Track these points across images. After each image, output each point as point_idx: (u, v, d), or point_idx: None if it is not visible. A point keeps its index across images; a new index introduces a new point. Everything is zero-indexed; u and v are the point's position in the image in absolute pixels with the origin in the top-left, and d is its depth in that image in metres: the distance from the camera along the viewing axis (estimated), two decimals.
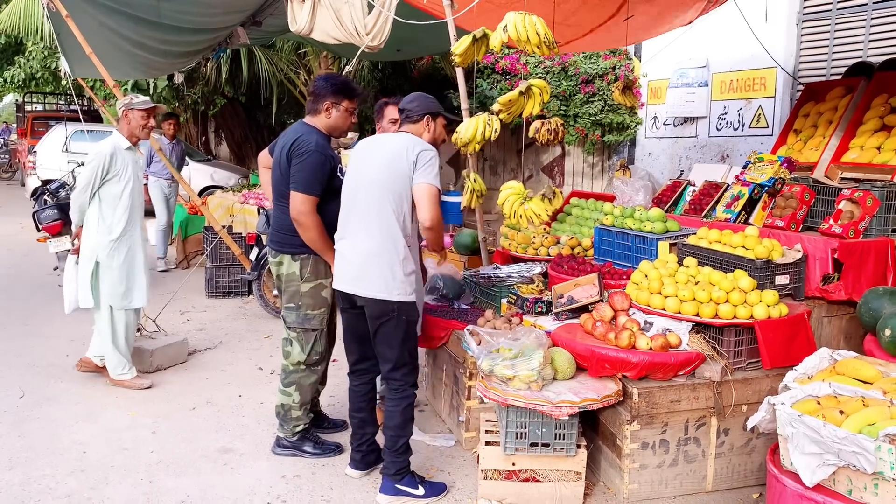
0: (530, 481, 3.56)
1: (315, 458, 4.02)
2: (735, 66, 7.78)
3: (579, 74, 8.89)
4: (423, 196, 3.44)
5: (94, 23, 6.61)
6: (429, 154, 3.47)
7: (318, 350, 4.03)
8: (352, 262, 3.56)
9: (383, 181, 3.48)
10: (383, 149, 3.58)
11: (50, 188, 8.05)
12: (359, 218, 3.55)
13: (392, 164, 3.48)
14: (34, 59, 16.88)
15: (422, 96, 3.74)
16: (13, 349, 5.89)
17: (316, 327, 3.99)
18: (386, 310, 3.50)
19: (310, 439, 4.09)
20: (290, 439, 4.06)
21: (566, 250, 5.25)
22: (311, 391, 4.09)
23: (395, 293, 3.48)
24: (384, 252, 3.48)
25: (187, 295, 7.67)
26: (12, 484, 3.71)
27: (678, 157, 8.62)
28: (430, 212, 3.44)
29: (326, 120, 3.95)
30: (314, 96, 3.95)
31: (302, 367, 4.02)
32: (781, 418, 2.76)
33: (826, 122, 5.46)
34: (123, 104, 5.05)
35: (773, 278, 4.10)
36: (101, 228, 4.95)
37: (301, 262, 3.93)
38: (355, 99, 4.02)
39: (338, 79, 4.05)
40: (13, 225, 12.59)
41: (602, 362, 3.65)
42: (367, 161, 3.59)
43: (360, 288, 3.53)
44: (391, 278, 3.47)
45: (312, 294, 3.96)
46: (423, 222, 3.50)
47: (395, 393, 3.60)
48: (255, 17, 7.33)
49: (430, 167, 3.45)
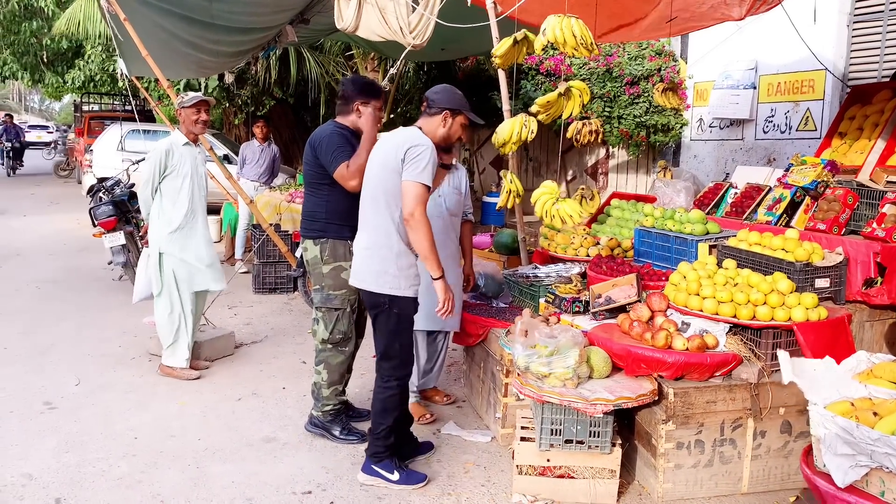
0: (565, 478, 3.61)
1: (340, 442, 4.22)
2: (783, 68, 7.69)
3: (624, 76, 8.87)
4: (404, 192, 3.50)
5: (149, 24, 6.86)
6: (417, 150, 3.49)
7: (340, 329, 4.23)
8: (355, 255, 3.76)
9: (379, 178, 3.61)
10: (384, 146, 3.69)
11: (105, 185, 8.33)
12: (363, 212, 3.74)
13: (385, 161, 3.59)
14: (93, 62, 17.45)
15: (449, 90, 3.76)
16: (70, 339, 6.13)
17: (338, 307, 4.20)
18: (377, 302, 3.66)
19: (339, 423, 4.30)
20: (321, 419, 4.30)
21: (605, 251, 5.27)
22: (339, 371, 4.29)
23: (387, 287, 3.61)
24: (377, 247, 3.63)
25: (235, 290, 7.88)
26: (69, 466, 3.89)
27: (724, 160, 8.54)
28: (408, 207, 3.46)
29: (357, 119, 4.17)
30: (343, 99, 4.20)
31: (329, 345, 4.24)
32: (814, 419, 2.77)
33: (872, 124, 5.39)
34: (177, 104, 5.27)
35: (813, 281, 4.07)
36: (163, 220, 5.18)
37: (321, 246, 4.18)
38: (381, 97, 4.25)
39: (364, 80, 4.33)
40: (70, 221, 13.06)
41: (638, 362, 3.68)
42: (373, 158, 3.73)
43: (356, 280, 3.73)
44: (383, 272, 3.61)
45: (332, 276, 4.18)
46: (404, 215, 3.52)
47: (381, 381, 3.76)
48: (304, 15, 7.50)
49: (417, 163, 3.47)
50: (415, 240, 3.54)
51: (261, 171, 9.23)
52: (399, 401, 3.80)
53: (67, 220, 13.16)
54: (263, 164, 9.25)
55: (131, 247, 7.59)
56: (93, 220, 7.65)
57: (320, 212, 4.18)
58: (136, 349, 5.88)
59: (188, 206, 5.21)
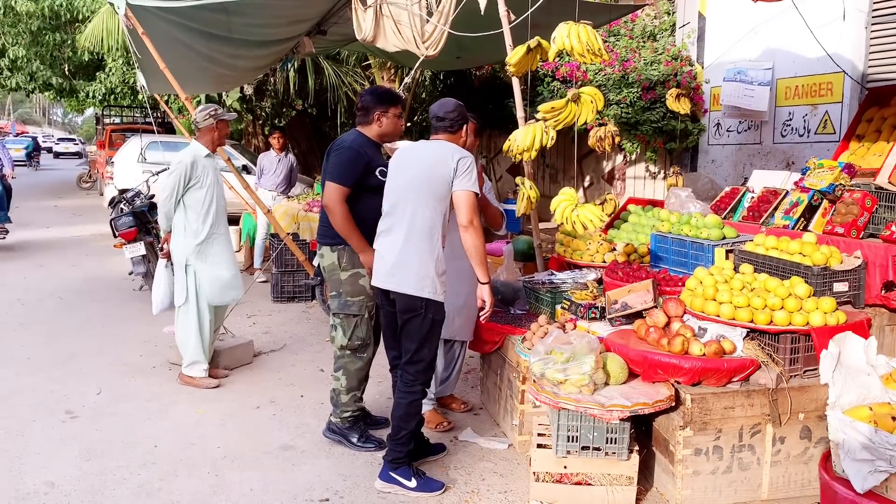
0: (582, 484, 3.60)
1: (357, 449, 4.24)
2: (800, 70, 7.63)
3: (640, 81, 8.84)
4: (461, 201, 3.65)
5: (168, 39, 6.94)
6: (468, 161, 3.69)
7: (359, 335, 4.26)
8: (387, 259, 3.75)
9: (422, 184, 3.69)
10: (423, 154, 3.79)
11: (126, 197, 8.44)
12: (397, 218, 3.76)
13: (432, 169, 3.68)
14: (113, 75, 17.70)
15: (459, 105, 3.90)
16: (92, 349, 6.21)
17: (356, 313, 4.24)
18: (414, 305, 3.68)
19: (357, 430, 4.32)
20: (340, 425, 4.33)
21: (622, 257, 5.26)
22: (358, 377, 4.32)
23: (427, 290, 3.67)
24: (419, 251, 3.68)
25: (254, 300, 7.94)
26: (90, 474, 3.94)
27: (742, 164, 8.48)
28: (467, 215, 3.64)
29: (378, 129, 4.24)
30: (363, 110, 4.25)
31: (347, 352, 4.28)
32: (833, 424, 2.75)
33: (890, 126, 5.33)
34: (209, 114, 5.24)
35: (832, 285, 4.04)
36: (189, 233, 5.23)
37: (338, 253, 4.22)
38: (399, 104, 4.32)
39: (382, 89, 4.41)
40: (92, 232, 13.23)
41: (654, 367, 3.66)
42: (409, 166, 3.79)
43: (393, 283, 3.74)
44: (424, 276, 3.66)
45: (351, 282, 4.21)
46: (460, 223, 3.67)
47: (405, 386, 3.79)
48: (321, 27, 7.57)
49: (469, 174, 3.67)
50: (471, 245, 3.68)
51: (278, 181, 9.32)
52: (420, 406, 3.85)
53: (90, 231, 13.34)
54: (281, 174, 9.34)
55: (151, 257, 7.68)
56: (113, 231, 7.75)
57: None
58: (156, 358, 5.94)
59: (214, 217, 5.27)
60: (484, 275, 3.74)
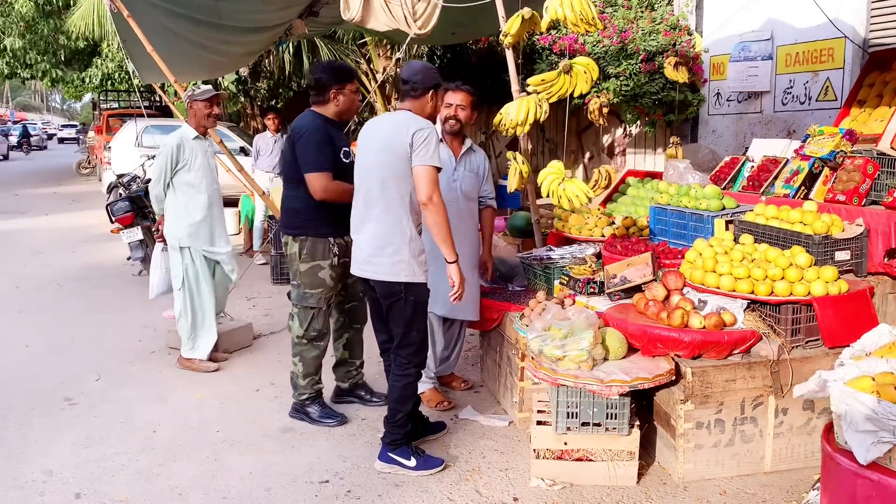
0: (583, 461, 3.57)
1: (317, 424, 4.29)
2: (801, 37, 7.50)
3: (639, 53, 8.71)
4: (419, 177, 3.48)
5: (156, 26, 6.81)
6: (423, 133, 3.49)
7: (315, 327, 4.26)
8: (361, 246, 3.69)
9: (383, 164, 3.56)
10: (381, 131, 3.65)
11: (122, 181, 8.39)
12: (365, 202, 3.66)
13: (389, 145, 3.54)
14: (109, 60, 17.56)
15: (426, 68, 3.75)
16: (90, 335, 6.19)
17: (313, 305, 4.23)
18: (393, 291, 3.61)
19: (318, 404, 4.38)
20: (299, 406, 4.40)
21: (621, 230, 5.20)
22: (315, 364, 4.35)
23: (403, 274, 3.58)
24: (390, 234, 3.58)
25: (253, 282, 7.91)
26: (89, 460, 3.92)
27: (742, 134, 8.38)
28: (426, 191, 3.46)
29: (336, 107, 4.15)
30: (319, 87, 4.12)
31: (303, 340, 4.28)
32: (835, 395, 2.70)
33: (892, 91, 5.24)
34: (187, 96, 5.25)
35: (833, 254, 3.98)
36: (182, 215, 5.18)
37: (300, 244, 4.18)
38: (354, 80, 4.23)
39: (336, 64, 4.38)
40: (91, 218, 13.20)
41: (654, 342, 3.62)
42: (370, 146, 3.67)
43: (368, 271, 3.67)
44: (398, 260, 3.57)
45: (309, 274, 4.19)
46: (419, 200, 3.51)
47: (399, 369, 3.74)
48: (312, 8, 7.45)
49: (426, 146, 3.47)
50: (432, 223, 3.51)
51: (275, 162, 9.25)
52: (416, 387, 3.80)
53: (88, 218, 13.29)
54: (277, 155, 9.27)
55: (149, 242, 7.63)
56: (110, 216, 7.70)
57: (301, 208, 4.16)
58: (155, 343, 5.92)
59: (206, 199, 5.22)
60: (450, 253, 3.55)
